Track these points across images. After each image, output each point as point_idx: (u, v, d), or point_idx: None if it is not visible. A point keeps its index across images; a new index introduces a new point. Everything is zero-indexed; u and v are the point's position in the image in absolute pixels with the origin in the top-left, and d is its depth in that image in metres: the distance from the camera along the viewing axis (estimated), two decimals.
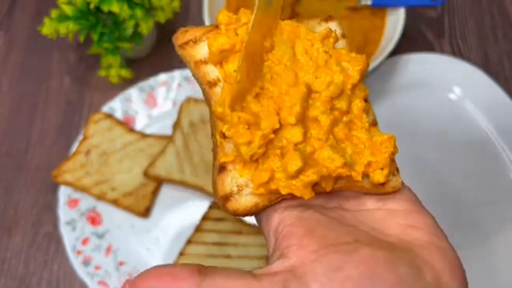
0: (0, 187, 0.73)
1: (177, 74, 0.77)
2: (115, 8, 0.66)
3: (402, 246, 0.29)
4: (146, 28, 0.69)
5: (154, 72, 0.78)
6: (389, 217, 0.31)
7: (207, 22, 0.72)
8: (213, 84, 0.33)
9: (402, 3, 0.73)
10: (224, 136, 0.31)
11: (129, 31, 0.70)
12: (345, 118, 0.32)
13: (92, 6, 0.66)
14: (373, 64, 0.69)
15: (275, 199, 0.30)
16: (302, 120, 0.31)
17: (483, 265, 0.65)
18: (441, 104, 0.75)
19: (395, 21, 0.73)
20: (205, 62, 0.33)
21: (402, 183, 0.33)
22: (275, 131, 0.30)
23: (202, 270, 0.27)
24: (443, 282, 0.28)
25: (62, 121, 0.77)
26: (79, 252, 0.66)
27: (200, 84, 0.33)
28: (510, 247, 0.66)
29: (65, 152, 0.74)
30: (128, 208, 0.69)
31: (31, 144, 0.76)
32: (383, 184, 0.32)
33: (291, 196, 0.30)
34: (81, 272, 0.66)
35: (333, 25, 0.35)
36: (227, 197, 0.30)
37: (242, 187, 0.30)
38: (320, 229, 0.29)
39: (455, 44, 0.82)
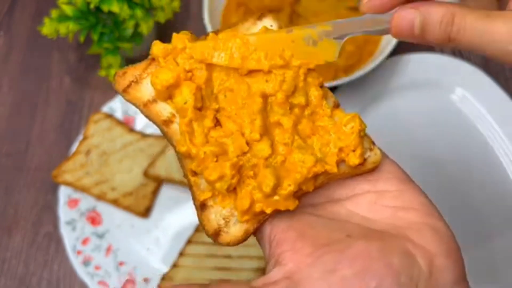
0: (0, 187, 0.73)
1: None
2: (115, 8, 0.66)
3: (394, 233, 0.29)
4: (146, 28, 0.69)
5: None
6: (379, 200, 0.31)
7: (207, 22, 0.72)
8: (169, 122, 0.31)
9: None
10: (195, 173, 0.30)
11: (129, 31, 0.70)
12: (306, 112, 0.32)
13: (92, 6, 0.66)
14: (373, 64, 0.70)
15: (263, 218, 0.30)
16: (265, 130, 0.30)
17: (483, 267, 0.65)
18: (441, 104, 0.75)
19: None
20: (154, 101, 0.32)
21: (386, 157, 0.33)
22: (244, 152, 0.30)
23: None
24: (436, 265, 0.28)
25: (62, 121, 0.77)
26: (79, 252, 0.66)
27: (156, 125, 0.32)
28: (511, 248, 0.66)
29: (65, 152, 0.74)
30: (128, 208, 0.69)
31: (31, 144, 0.76)
32: (361, 164, 0.31)
33: (277, 212, 0.30)
34: (81, 272, 0.66)
35: (268, 22, 0.34)
36: (217, 233, 0.30)
37: (228, 217, 0.30)
38: (311, 230, 0.29)
39: None
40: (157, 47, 0.32)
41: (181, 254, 0.66)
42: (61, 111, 0.78)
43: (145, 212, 0.69)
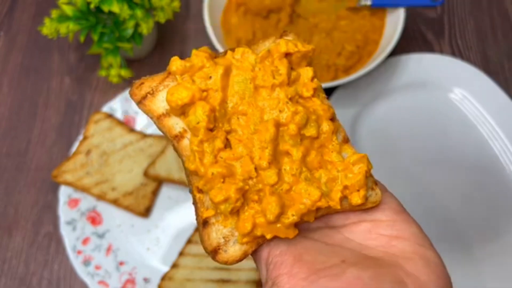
0: (0, 187, 0.73)
1: None
2: (115, 8, 0.66)
3: (387, 260, 0.30)
4: (146, 28, 0.69)
5: (154, 72, 0.77)
6: (374, 228, 0.32)
7: (207, 22, 0.72)
8: (180, 137, 0.32)
9: (402, 4, 0.73)
10: (201, 191, 0.31)
11: (129, 31, 0.70)
12: (316, 144, 0.32)
13: (92, 6, 0.67)
14: (373, 64, 0.70)
15: (262, 242, 0.31)
16: (274, 157, 0.31)
17: (482, 267, 0.65)
18: (441, 104, 0.76)
19: (395, 21, 0.73)
20: (167, 114, 0.32)
21: (385, 191, 0.33)
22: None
23: None
24: None
25: (62, 121, 0.77)
26: (79, 252, 0.67)
27: (168, 139, 0.32)
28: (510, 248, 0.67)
29: (65, 152, 0.74)
30: (128, 208, 0.69)
31: (31, 144, 0.76)
32: (362, 203, 0.32)
33: (276, 237, 0.30)
34: (81, 271, 0.66)
35: (290, 39, 0.34)
36: (215, 251, 0.31)
37: (228, 237, 0.31)
38: (307, 255, 0.30)
39: (455, 44, 0.82)
40: (175, 64, 0.32)
41: (181, 254, 0.66)
42: (61, 111, 0.78)
43: (145, 212, 0.69)
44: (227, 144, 0.31)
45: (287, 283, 0.28)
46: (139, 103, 0.32)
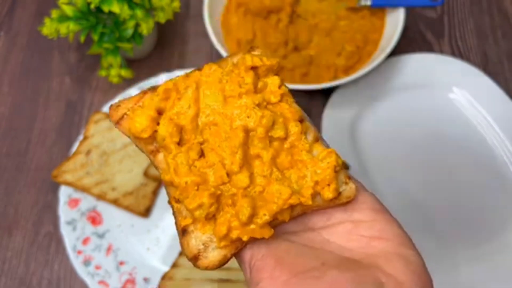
0: (0, 187, 0.73)
1: (177, 74, 0.77)
2: (115, 8, 0.66)
3: (367, 262, 0.30)
4: (146, 28, 0.69)
5: (154, 72, 0.79)
6: (354, 229, 0.32)
7: (207, 22, 0.73)
8: (156, 151, 0.34)
9: (402, 4, 0.73)
10: (178, 200, 0.32)
11: (130, 31, 0.70)
12: (285, 145, 0.33)
13: (92, 6, 0.67)
14: (373, 64, 0.70)
15: (241, 245, 0.31)
16: (245, 161, 0.32)
17: (481, 267, 0.65)
18: (440, 104, 0.76)
19: (395, 22, 0.73)
20: None
21: (363, 190, 0.34)
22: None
23: None
24: None
25: (62, 121, 0.77)
26: (79, 252, 0.67)
27: (145, 154, 0.34)
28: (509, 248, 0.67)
29: (65, 152, 0.74)
30: (128, 208, 0.69)
31: (31, 144, 0.76)
32: (335, 198, 0.32)
33: (254, 239, 0.31)
34: (81, 271, 0.66)
35: (257, 53, 0.36)
36: (196, 257, 0.31)
37: (208, 243, 0.31)
38: (288, 257, 0.30)
39: (455, 44, 0.82)
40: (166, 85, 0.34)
41: (181, 254, 0.66)
42: (61, 111, 0.78)
43: (145, 212, 0.69)
44: (202, 155, 0.33)
45: (269, 286, 0.29)
46: (117, 123, 0.34)
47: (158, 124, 0.33)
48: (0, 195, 0.72)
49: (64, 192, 0.70)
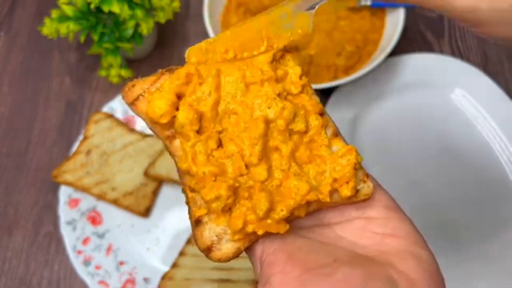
0: (0, 187, 0.73)
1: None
2: (115, 8, 0.66)
3: (379, 259, 0.30)
4: (146, 28, 0.69)
5: (154, 72, 0.78)
6: (367, 226, 0.32)
7: (207, 22, 0.73)
8: (172, 137, 0.32)
9: (402, 4, 0.73)
10: (193, 190, 0.31)
11: (130, 31, 0.70)
12: (305, 139, 0.32)
13: (92, 6, 0.67)
14: (373, 64, 0.70)
15: (255, 238, 0.31)
16: (264, 154, 0.31)
17: (479, 267, 0.65)
18: (441, 104, 0.76)
19: (395, 22, 0.73)
20: None
21: (378, 187, 0.33)
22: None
23: None
24: None
25: (62, 121, 0.77)
26: (79, 252, 0.67)
27: (160, 139, 0.33)
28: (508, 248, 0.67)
29: (66, 152, 0.74)
30: (128, 208, 0.69)
31: (31, 144, 0.76)
32: (353, 195, 0.32)
33: (268, 233, 0.30)
34: (81, 271, 0.66)
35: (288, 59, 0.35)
36: (209, 249, 0.31)
37: (221, 235, 0.31)
38: (300, 253, 0.30)
39: (455, 44, 0.82)
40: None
41: (181, 254, 0.66)
42: (61, 111, 0.78)
43: (145, 212, 0.69)
44: (220, 145, 0.32)
45: (280, 282, 0.28)
46: (131, 104, 0.33)
47: (177, 109, 0.32)
48: (0, 195, 0.72)
49: (64, 192, 0.70)
